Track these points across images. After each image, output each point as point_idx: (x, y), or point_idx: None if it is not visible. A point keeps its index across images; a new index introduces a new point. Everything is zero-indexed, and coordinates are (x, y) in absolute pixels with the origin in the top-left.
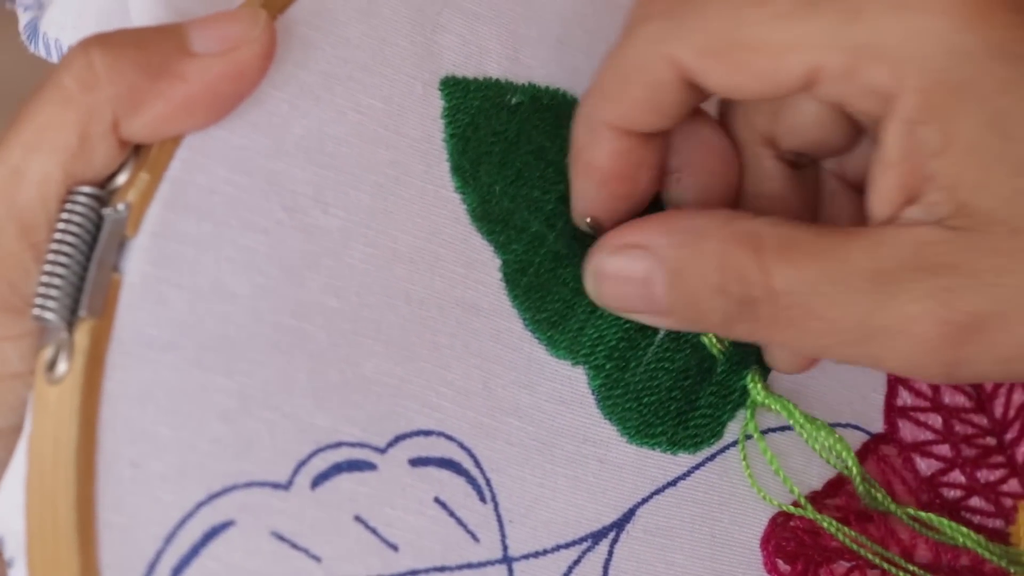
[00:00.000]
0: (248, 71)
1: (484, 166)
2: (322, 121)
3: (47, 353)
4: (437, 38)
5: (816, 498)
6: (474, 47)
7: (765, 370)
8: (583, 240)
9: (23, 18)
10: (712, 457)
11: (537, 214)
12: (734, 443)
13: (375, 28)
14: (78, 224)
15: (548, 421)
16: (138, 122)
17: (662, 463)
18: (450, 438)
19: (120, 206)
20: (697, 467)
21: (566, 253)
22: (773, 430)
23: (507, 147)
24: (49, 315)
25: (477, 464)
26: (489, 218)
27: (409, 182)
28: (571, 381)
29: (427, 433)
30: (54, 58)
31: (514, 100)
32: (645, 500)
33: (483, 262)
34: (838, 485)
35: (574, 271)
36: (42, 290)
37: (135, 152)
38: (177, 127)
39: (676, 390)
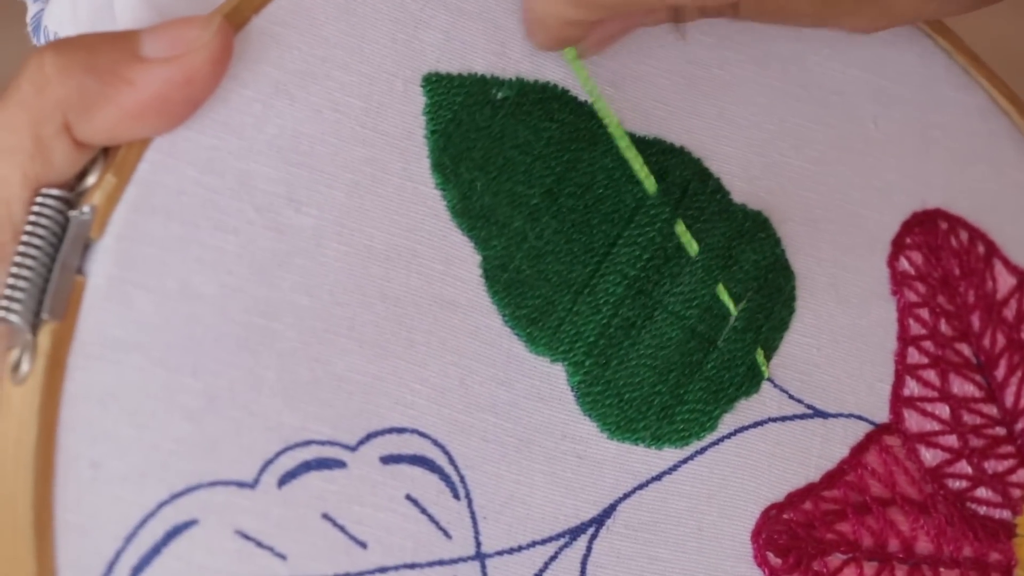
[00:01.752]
0: (198, 76)
1: (465, 162)
2: (297, 120)
3: (13, 354)
4: (420, 34)
5: (813, 489)
6: (458, 42)
7: (770, 351)
8: (567, 234)
9: (31, 9)
10: (702, 450)
11: (520, 209)
12: (728, 435)
13: (354, 26)
14: (44, 227)
15: (525, 418)
16: (90, 125)
17: (646, 458)
18: (424, 435)
19: (85, 208)
20: (685, 461)
21: (548, 249)
22: (774, 420)
23: (490, 142)
24: (13, 317)
25: (451, 461)
26: (469, 214)
27: (387, 179)
28: (550, 378)
29: (400, 430)
30: None
31: (500, 95)
32: (627, 495)
33: (462, 258)
34: (837, 476)
35: (555, 267)
36: (7, 292)
37: (104, 153)
38: (130, 132)
39: (661, 385)
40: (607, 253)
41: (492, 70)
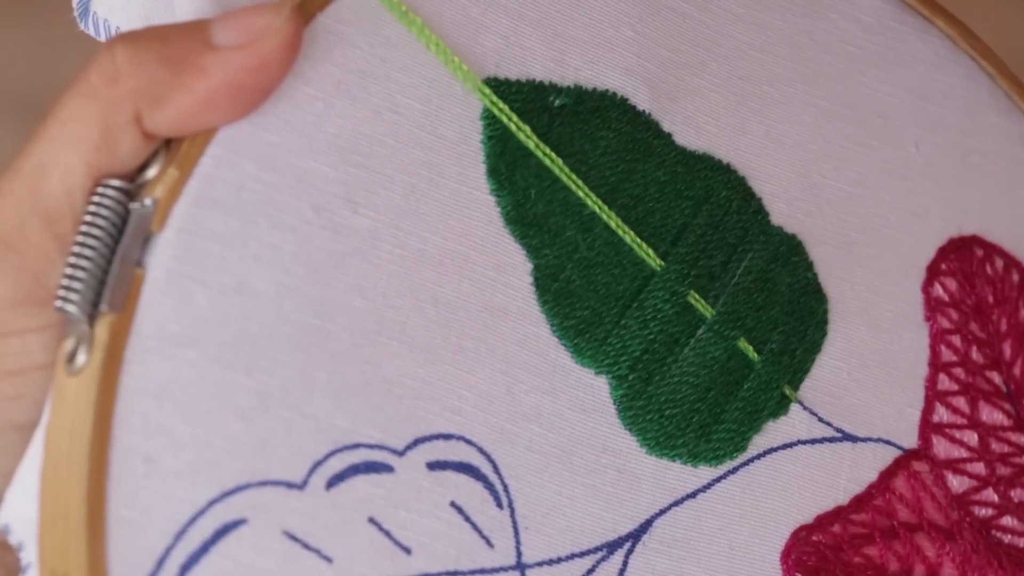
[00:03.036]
0: (270, 63)
1: (521, 169)
2: (357, 120)
3: (68, 345)
4: (480, 38)
5: (842, 512)
6: (518, 48)
7: (798, 380)
8: (617, 247)
9: None
10: (735, 470)
11: (573, 219)
12: (759, 455)
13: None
14: (104, 217)
15: (569, 429)
16: (161, 116)
17: (682, 475)
18: (470, 442)
19: (147, 201)
20: (718, 480)
21: (599, 260)
22: (804, 442)
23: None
24: (71, 308)
25: (496, 470)
26: (523, 221)
27: (443, 183)
28: (594, 390)
29: (447, 437)
30: (102, 38)
31: (557, 102)
32: (663, 511)
33: (514, 266)
34: (866, 500)
35: (605, 279)
36: (65, 282)
37: (166, 146)
38: (201, 121)
39: (700, 403)
40: (656, 268)
41: (550, 77)
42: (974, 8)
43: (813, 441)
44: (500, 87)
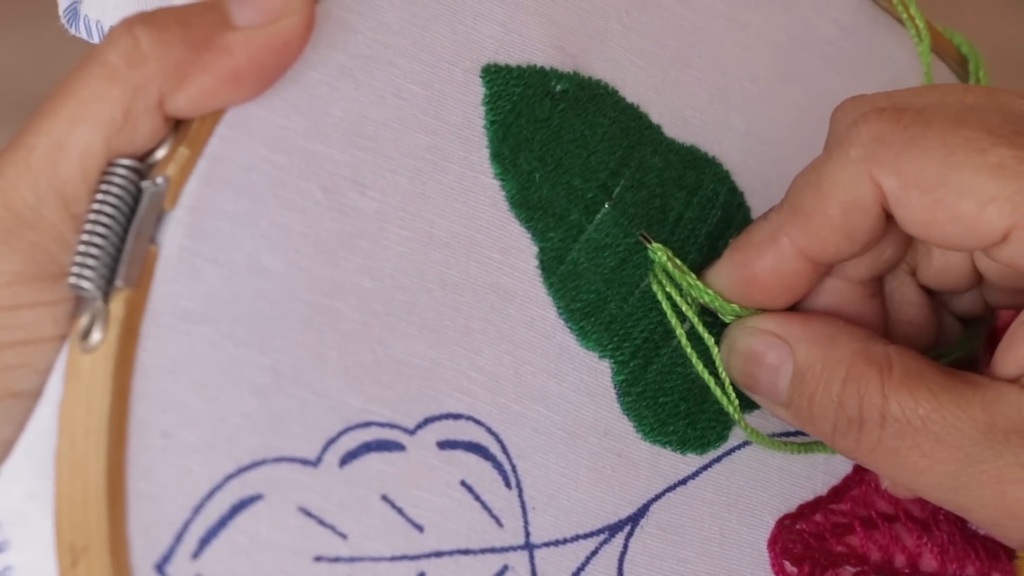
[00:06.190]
0: (291, 42)
1: (524, 153)
2: (361, 104)
3: (82, 321)
4: (479, 26)
5: (822, 503)
6: (516, 35)
7: None
8: (622, 230)
9: (63, 1)
10: (719, 459)
11: (577, 203)
12: (740, 446)
13: (415, 15)
14: (116, 195)
15: (573, 412)
16: (183, 96)
17: (673, 462)
18: (479, 423)
19: (159, 179)
20: (705, 468)
21: (603, 243)
22: (777, 435)
23: (549, 135)
24: (85, 284)
25: (504, 450)
26: (528, 205)
27: (448, 167)
28: (597, 373)
29: (456, 417)
30: (95, 39)
31: (559, 87)
32: (658, 496)
33: (520, 249)
34: (843, 490)
35: (610, 262)
36: (79, 259)
37: (175, 127)
38: (223, 100)
39: (687, 392)
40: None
41: (551, 63)
42: (966, 9)
43: (788, 434)
44: (500, 73)
